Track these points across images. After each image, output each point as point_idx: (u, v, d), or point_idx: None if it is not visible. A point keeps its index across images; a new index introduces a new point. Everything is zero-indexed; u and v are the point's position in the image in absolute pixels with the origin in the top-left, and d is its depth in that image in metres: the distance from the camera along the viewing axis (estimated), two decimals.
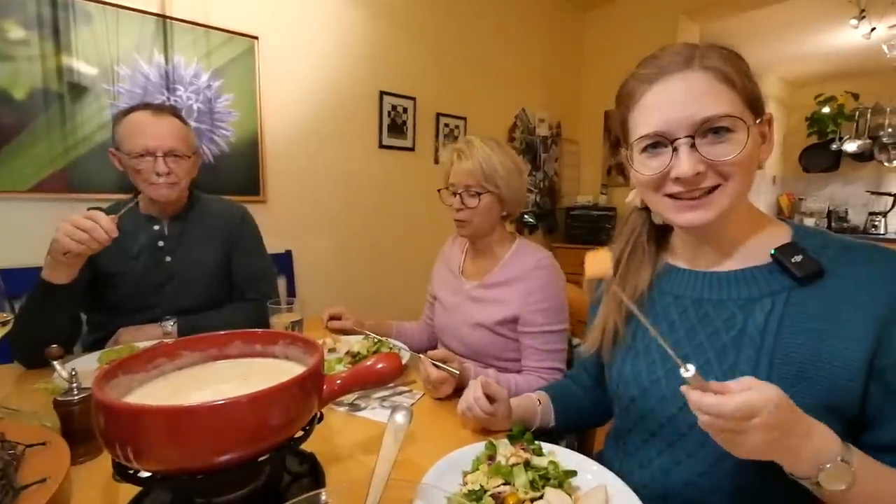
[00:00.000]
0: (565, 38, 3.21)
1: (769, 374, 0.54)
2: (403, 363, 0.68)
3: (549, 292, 1.03)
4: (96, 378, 0.44)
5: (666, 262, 0.69)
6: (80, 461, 0.60)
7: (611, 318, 0.69)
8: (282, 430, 0.46)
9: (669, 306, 0.65)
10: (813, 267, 0.54)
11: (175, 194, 1.13)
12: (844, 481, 0.45)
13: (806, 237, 0.58)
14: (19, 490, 0.46)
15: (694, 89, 0.53)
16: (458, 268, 1.20)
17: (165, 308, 1.12)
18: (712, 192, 0.55)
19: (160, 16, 1.62)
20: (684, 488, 0.59)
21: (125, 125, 1.08)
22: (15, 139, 1.39)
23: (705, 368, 0.59)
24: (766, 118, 0.57)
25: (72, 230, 0.85)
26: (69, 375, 0.63)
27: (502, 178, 1.04)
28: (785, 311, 0.55)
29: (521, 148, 3.01)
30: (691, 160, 0.53)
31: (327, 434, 0.72)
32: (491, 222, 1.09)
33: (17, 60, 1.38)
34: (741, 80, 0.54)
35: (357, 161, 2.27)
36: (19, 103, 1.39)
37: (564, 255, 2.98)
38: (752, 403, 0.42)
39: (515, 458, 0.58)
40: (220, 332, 0.59)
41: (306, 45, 2.02)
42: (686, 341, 0.61)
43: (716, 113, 0.52)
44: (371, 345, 1.06)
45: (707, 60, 0.54)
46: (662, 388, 0.62)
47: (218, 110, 1.79)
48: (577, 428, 0.92)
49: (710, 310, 0.61)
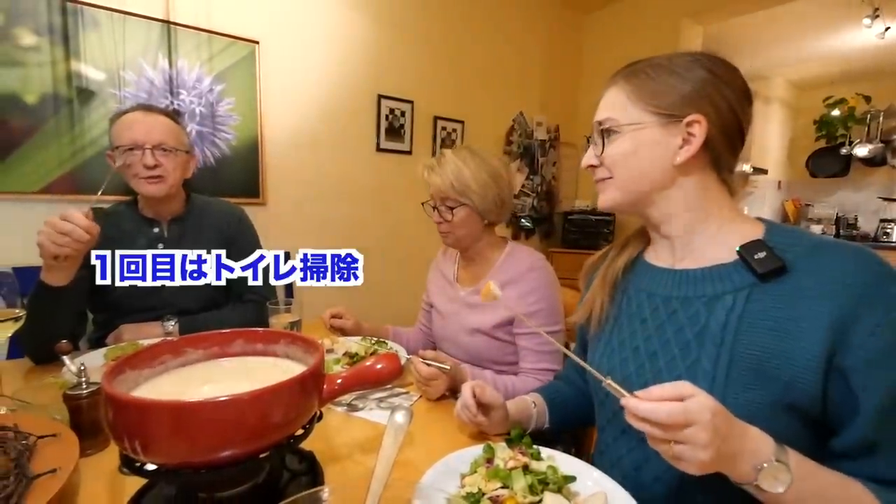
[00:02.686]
0: (564, 41, 3.23)
1: (728, 370, 0.55)
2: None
3: (544, 293, 1.04)
4: (105, 373, 0.46)
5: (643, 259, 0.72)
6: (87, 454, 0.62)
7: (598, 296, 0.73)
8: (283, 428, 0.47)
9: (643, 303, 0.67)
10: (775, 263, 0.54)
11: (163, 191, 1.13)
12: (782, 482, 0.45)
13: (775, 235, 0.58)
14: (32, 479, 0.48)
15: (605, 99, 0.66)
16: (453, 276, 1.22)
17: (166, 308, 1.14)
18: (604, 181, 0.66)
19: (165, 21, 1.65)
20: (654, 483, 0.61)
21: (116, 125, 1.11)
22: (27, 142, 1.43)
23: (671, 365, 0.60)
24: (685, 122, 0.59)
25: (52, 234, 0.85)
26: (78, 370, 0.65)
27: (475, 192, 1.05)
28: (746, 308, 0.55)
29: (518, 152, 3.03)
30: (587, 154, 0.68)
31: (326, 433, 0.73)
32: (473, 232, 1.10)
33: (28, 66, 1.41)
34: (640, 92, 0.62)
35: (355, 164, 2.30)
36: (31, 108, 1.43)
37: (562, 259, 2.99)
38: (686, 409, 0.43)
39: (514, 461, 0.58)
40: (223, 330, 0.60)
41: (306, 50, 2.05)
42: (655, 338, 0.63)
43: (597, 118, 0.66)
44: (369, 346, 1.08)
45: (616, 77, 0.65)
46: (633, 383, 0.63)
47: (219, 114, 1.82)
48: (569, 427, 0.93)
49: (677, 307, 0.62)
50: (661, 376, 0.61)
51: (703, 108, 0.58)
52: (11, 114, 1.40)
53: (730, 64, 0.62)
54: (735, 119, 0.60)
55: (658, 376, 0.61)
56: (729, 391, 0.54)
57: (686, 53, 0.62)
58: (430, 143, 2.57)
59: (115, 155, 1.11)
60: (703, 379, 0.56)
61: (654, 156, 0.61)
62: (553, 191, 3.30)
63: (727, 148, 0.61)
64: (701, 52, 0.62)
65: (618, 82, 0.64)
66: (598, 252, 0.80)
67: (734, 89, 0.60)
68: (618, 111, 0.63)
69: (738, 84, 0.60)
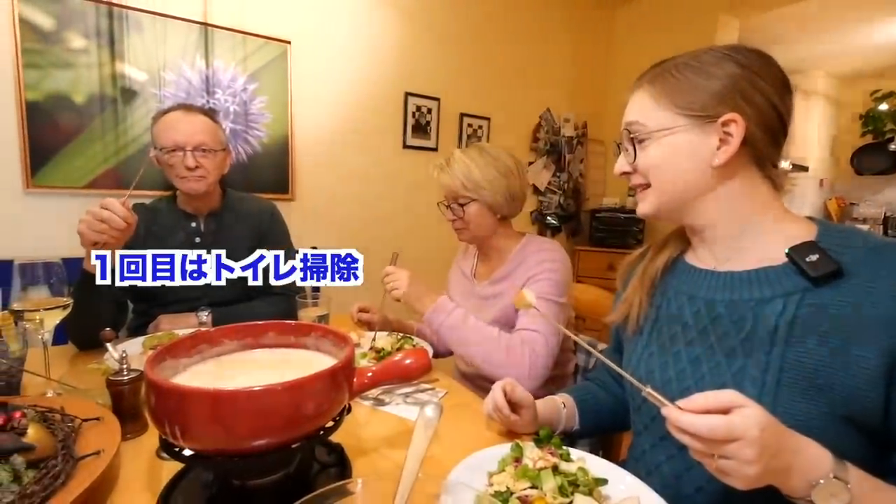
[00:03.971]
0: (592, 37, 3.16)
1: (779, 378, 0.52)
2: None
3: (555, 265, 1.05)
4: (148, 360, 0.48)
5: (683, 260, 0.69)
6: (126, 437, 0.65)
7: (636, 296, 0.70)
8: (314, 419, 0.48)
9: (684, 306, 0.64)
10: (830, 267, 0.51)
11: (203, 188, 1.18)
12: (840, 500, 0.43)
13: (829, 236, 0.55)
14: (78, 460, 0.50)
15: (631, 104, 0.65)
16: (471, 271, 1.24)
17: (201, 299, 1.18)
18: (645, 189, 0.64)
19: (202, 23, 1.71)
20: (696, 494, 0.58)
21: (160, 123, 1.16)
22: (75, 139, 1.51)
23: (715, 371, 0.58)
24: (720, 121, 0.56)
25: (92, 221, 0.89)
26: (120, 357, 0.67)
27: (484, 187, 1.07)
28: (797, 314, 0.52)
29: (545, 149, 2.99)
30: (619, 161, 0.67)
31: (353, 427, 0.74)
32: (487, 226, 1.12)
33: (77, 68, 1.49)
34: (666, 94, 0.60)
35: (382, 160, 2.32)
36: (79, 107, 1.50)
37: (589, 258, 2.92)
38: (730, 424, 0.41)
39: (543, 461, 0.56)
40: (257, 321, 0.62)
41: (335, 49, 2.08)
42: (698, 342, 0.61)
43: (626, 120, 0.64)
44: (395, 341, 1.09)
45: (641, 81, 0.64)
46: (673, 389, 0.61)
47: (252, 112, 1.87)
48: (601, 431, 0.91)
49: (722, 310, 0.59)
50: (703, 382, 0.58)
51: (738, 105, 0.56)
52: (62, 113, 1.47)
53: (762, 53, 0.58)
54: (774, 112, 0.57)
55: (701, 382, 0.59)
56: (779, 401, 0.51)
57: (713, 49, 0.59)
58: (456, 139, 2.57)
59: (157, 153, 1.16)
60: (750, 387, 0.54)
61: (691, 159, 0.58)
62: (580, 188, 3.24)
63: (769, 143, 0.58)
64: (730, 46, 0.59)
65: (643, 86, 0.62)
66: (636, 251, 0.78)
67: (770, 80, 0.57)
68: (646, 116, 0.61)
69: (773, 74, 0.57)
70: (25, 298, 0.74)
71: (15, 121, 1.41)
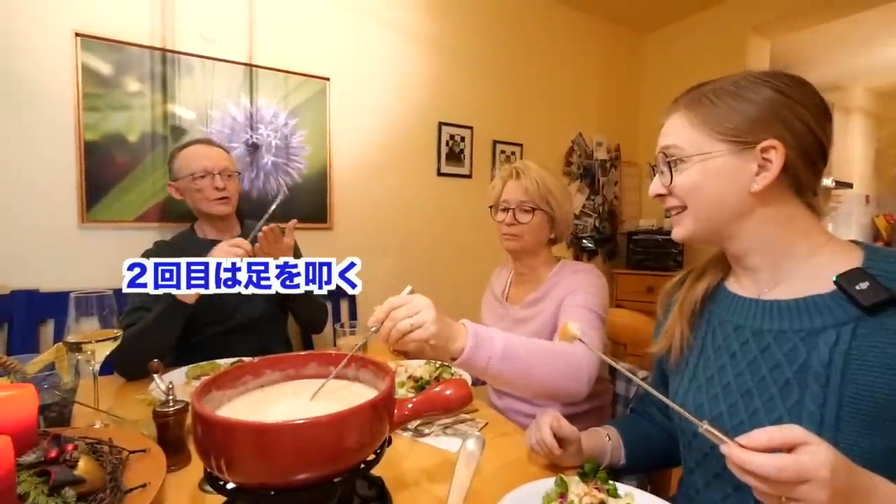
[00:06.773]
0: (622, 61, 3.16)
1: (838, 413, 0.49)
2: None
3: (592, 282, 1.04)
4: (195, 393, 0.48)
5: (725, 287, 0.67)
6: (171, 469, 0.64)
7: (677, 326, 0.68)
8: (357, 452, 0.47)
9: (730, 336, 0.62)
10: (881, 295, 0.49)
11: (230, 209, 1.32)
12: None
13: (877, 262, 0.53)
14: (125, 493, 0.51)
15: (667, 127, 0.64)
16: (503, 293, 1.22)
17: (233, 321, 1.26)
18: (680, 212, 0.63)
19: (248, 65, 1.81)
20: None
21: (183, 156, 1.31)
22: (127, 176, 1.60)
23: (769, 405, 0.55)
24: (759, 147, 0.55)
25: (229, 249, 1.04)
26: (167, 388, 0.68)
27: (556, 200, 1.10)
28: (852, 344, 0.50)
29: (578, 172, 2.96)
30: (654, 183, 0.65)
31: (393, 459, 0.72)
32: (539, 241, 1.12)
33: (132, 109, 1.59)
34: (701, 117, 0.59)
35: (417, 189, 2.35)
36: (132, 146, 1.60)
37: (626, 281, 2.83)
38: (799, 465, 0.38)
39: (589, 497, 0.55)
40: (298, 353, 0.62)
41: (372, 83, 2.16)
42: (748, 374, 0.58)
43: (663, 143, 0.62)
44: (433, 370, 1.06)
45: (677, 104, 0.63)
46: (725, 423, 0.58)
47: (293, 146, 1.94)
48: (649, 467, 0.85)
49: (770, 341, 0.57)
50: (758, 417, 0.56)
51: (777, 132, 0.55)
52: (117, 151, 1.57)
53: (800, 79, 0.57)
54: (814, 139, 0.55)
55: (755, 417, 0.56)
56: (841, 436, 0.49)
57: (751, 74, 0.59)
58: (490, 166, 2.58)
59: (178, 185, 1.31)
60: (808, 422, 0.51)
61: (730, 184, 0.57)
62: (615, 211, 3.17)
63: (808, 171, 0.56)
64: (768, 72, 0.59)
65: (679, 109, 0.62)
66: (675, 277, 0.76)
67: (809, 107, 0.55)
68: (682, 140, 0.60)
69: (812, 100, 0.56)
70: (78, 330, 0.76)
71: (74, 161, 1.52)
